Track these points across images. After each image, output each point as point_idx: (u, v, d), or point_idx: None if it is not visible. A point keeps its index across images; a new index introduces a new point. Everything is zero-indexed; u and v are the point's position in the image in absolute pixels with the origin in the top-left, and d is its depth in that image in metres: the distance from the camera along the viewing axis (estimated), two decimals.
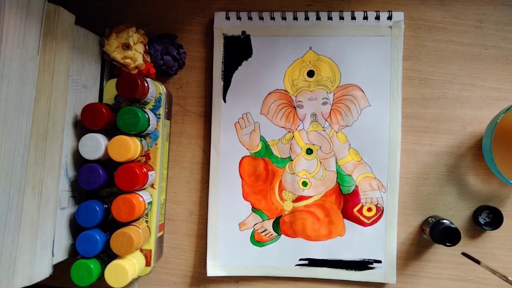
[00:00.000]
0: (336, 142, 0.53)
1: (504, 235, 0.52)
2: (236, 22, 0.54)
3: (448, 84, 0.53)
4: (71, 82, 0.45)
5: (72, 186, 0.46)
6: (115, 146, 0.45)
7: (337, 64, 0.53)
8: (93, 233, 0.44)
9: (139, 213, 0.46)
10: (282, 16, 0.53)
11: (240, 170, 0.53)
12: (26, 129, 0.38)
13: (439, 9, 0.53)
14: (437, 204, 0.53)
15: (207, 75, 0.55)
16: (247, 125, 0.54)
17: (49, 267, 0.42)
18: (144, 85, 0.46)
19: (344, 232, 0.53)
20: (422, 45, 0.53)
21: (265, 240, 0.53)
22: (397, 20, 0.52)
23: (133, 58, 0.50)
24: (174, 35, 0.54)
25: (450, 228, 0.47)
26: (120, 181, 0.45)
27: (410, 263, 0.52)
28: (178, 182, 0.55)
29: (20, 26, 0.36)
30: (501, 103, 0.52)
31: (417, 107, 0.53)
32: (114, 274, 0.44)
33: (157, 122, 0.49)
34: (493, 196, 0.52)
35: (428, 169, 0.53)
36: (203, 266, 0.54)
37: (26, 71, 0.37)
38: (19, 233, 0.37)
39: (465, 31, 0.53)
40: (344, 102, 0.53)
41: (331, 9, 0.54)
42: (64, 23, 0.42)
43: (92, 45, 0.49)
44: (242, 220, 0.53)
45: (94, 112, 0.44)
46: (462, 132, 0.53)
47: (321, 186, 0.53)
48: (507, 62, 0.52)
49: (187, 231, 0.55)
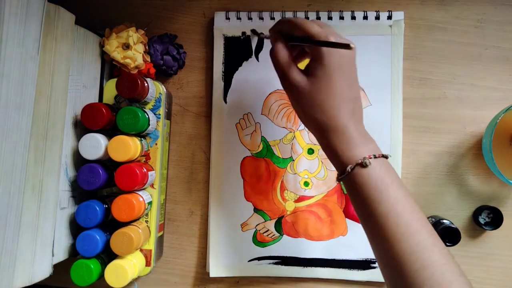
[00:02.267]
0: None
1: (504, 235, 0.52)
2: (236, 23, 0.54)
3: (448, 84, 0.53)
4: (71, 82, 0.45)
5: (72, 186, 0.46)
6: (115, 146, 0.45)
7: None
8: (93, 233, 0.44)
9: (139, 213, 0.46)
10: (282, 16, 0.53)
11: (241, 171, 0.53)
12: (26, 129, 0.38)
13: (439, 9, 0.53)
14: (437, 204, 0.53)
15: (207, 75, 0.55)
16: (248, 126, 0.54)
17: (49, 267, 0.42)
18: (144, 85, 0.46)
19: (346, 231, 0.53)
20: (422, 45, 0.53)
21: (267, 240, 0.53)
22: (397, 19, 0.52)
23: (133, 58, 0.50)
24: (174, 35, 0.54)
25: (450, 228, 0.47)
26: (120, 181, 0.45)
27: None
28: (178, 182, 0.55)
29: (20, 26, 0.36)
30: (501, 103, 0.52)
31: (417, 107, 0.53)
32: (114, 274, 0.44)
33: (157, 122, 0.49)
34: (493, 196, 0.52)
35: (428, 169, 0.53)
36: (203, 266, 0.54)
37: (26, 71, 0.37)
38: (19, 233, 0.37)
39: (465, 31, 0.53)
40: None
41: (331, 9, 0.54)
42: (64, 23, 0.42)
43: (92, 45, 0.49)
44: (244, 221, 0.53)
45: (94, 112, 0.44)
46: (462, 132, 0.53)
47: (323, 186, 0.53)
48: (507, 62, 0.52)
49: (187, 231, 0.55)
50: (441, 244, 0.34)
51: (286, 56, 0.39)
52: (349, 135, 0.37)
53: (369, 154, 0.36)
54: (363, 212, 0.36)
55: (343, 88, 0.37)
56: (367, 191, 0.35)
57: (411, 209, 0.35)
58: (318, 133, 0.38)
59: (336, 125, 0.37)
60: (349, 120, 0.37)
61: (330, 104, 0.36)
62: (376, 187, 0.35)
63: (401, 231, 0.33)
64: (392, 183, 0.35)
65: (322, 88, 0.36)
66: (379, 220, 0.34)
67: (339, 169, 0.38)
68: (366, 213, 0.35)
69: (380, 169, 0.35)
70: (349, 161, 0.36)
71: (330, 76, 0.36)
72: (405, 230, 0.33)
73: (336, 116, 0.37)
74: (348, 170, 0.36)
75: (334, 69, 0.36)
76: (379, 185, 0.35)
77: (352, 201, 0.38)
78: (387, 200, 0.34)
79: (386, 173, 0.36)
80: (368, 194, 0.35)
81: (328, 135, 0.37)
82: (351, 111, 0.37)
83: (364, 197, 0.35)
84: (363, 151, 0.36)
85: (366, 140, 0.38)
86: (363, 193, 0.35)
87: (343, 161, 0.36)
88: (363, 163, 0.35)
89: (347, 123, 0.37)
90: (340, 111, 0.37)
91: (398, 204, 0.34)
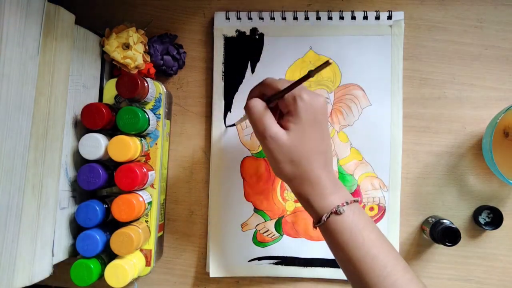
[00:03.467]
0: (338, 141, 0.53)
1: (504, 235, 0.52)
2: (236, 23, 0.54)
3: (448, 84, 0.53)
4: (71, 82, 0.45)
5: (72, 186, 0.46)
6: (115, 146, 0.45)
7: (338, 64, 0.53)
8: (93, 233, 0.44)
9: (139, 213, 0.46)
10: (282, 16, 0.53)
11: (241, 171, 0.53)
12: (26, 129, 0.38)
13: (439, 9, 0.53)
14: (437, 204, 0.53)
15: (207, 75, 0.55)
16: (248, 126, 0.54)
17: (49, 267, 0.42)
18: (144, 85, 0.46)
19: None
20: (422, 45, 0.53)
21: (267, 240, 0.53)
22: (397, 19, 0.52)
23: (133, 58, 0.50)
24: (174, 35, 0.54)
25: (450, 228, 0.47)
26: (120, 181, 0.45)
27: (411, 262, 0.52)
28: (178, 182, 0.55)
29: (20, 26, 0.36)
30: (501, 103, 0.52)
31: (417, 107, 0.53)
32: (114, 274, 0.44)
33: (157, 122, 0.49)
34: (493, 196, 0.52)
35: (428, 169, 0.53)
36: (203, 266, 0.54)
37: (26, 71, 0.37)
38: (19, 233, 0.37)
39: (465, 31, 0.53)
40: (345, 101, 0.53)
41: (331, 9, 0.54)
42: (64, 23, 0.42)
43: (92, 45, 0.49)
44: (244, 221, 0.53)
45: (94, 112, 0.44)
46: (462, 132, 0.53)
47: None
48: (507, 62, 0.52)
49: (187, 231, 0.55)
50: (416, 279, 0.36)
51: (262, 106, 0.38)
52: (323, 185, 0.38)
53: (341, 201, 0.38)
54: (341, 257, 0.38)
55: (316, 141, 0.38)
56: (343, 237, 0.37)
57: (386, 250, 0.37)
58: (291, 183, 0.39)
59: (309, 176, 0.38)
60: (322, 171, 0.38)
61: (305, 156, 0.38)
62: (351, 233, 0.37)
63: (377, 273, 0.35)
64: (365, 227, 0.37)
65: (297, 142, 0.37)
66: (356, 264, 0.36)
67: (314, 217, 0.39)
68: (344, 258, 0.37)
69: (353, 215, 0.37)
70: (324, 209, 0.38)
71: (305, 130, 0.37)
72: (381, 272, 0.35)
73: (309, 168, 0.38)
74: (324, 219, 0.37)
75: (309, 124, 0.38)
76: (354, 231, 0.37)
77: (329, 246, 0.39)
78: (362, 244, 0.36)
79: (360, 218, 0.38)
80: (344, 239, 0.37)
81: (302, 186, 0.38)
82: (323, 162, 0.39)
83: (340, 243, 0.37)
84: (336, 199, 0.38)
85: (338, 188, 0.39)
86: (339, 239, 0.37)
87: (318, 211, 0.38)
88: (337, 211, 0.37)
89: (320, 174, 0.38)
90: (314, 163, 0.38)
91: (372, 247, 0.36)
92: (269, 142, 0.38)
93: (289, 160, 0.38)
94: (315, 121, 0.38)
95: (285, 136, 0.37)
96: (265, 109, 0.38)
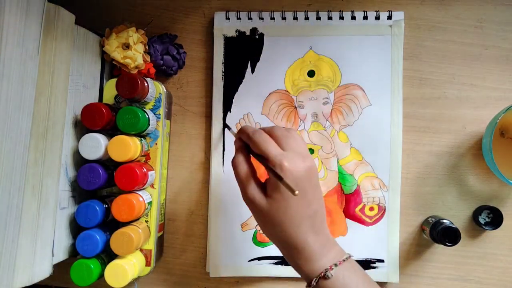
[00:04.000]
0: (337, 141, 0.53)
1: (504, 235, 0.52)
2: (236, 23, 0.54)
3: (448, 84, 0.53)
4: (71, 82, 0.45)
5: (72, 186, 0.46)
6: (115, 146, 0.45)
7: (338, 64, 0.53)
8: (93, 233, 0.44)
9: (139, 213, 0.46)
10: (282, 16, 0.53)
11: None
12: (26, 129, 0.38)
13: (439, 9, 0.53)
14: (437, 204, 0.53)
15: (207, 75, 0.55)
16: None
17: (49, 267, 0.42)
18: (144, 85, 0.46)
19: (346, 231, 0.53)
20: (422, 45, 0.53)
21: (267, 240, 0.53)
22: (397, 19, 0.52)
23: (133, 58, 0.50)
24: (174, 35, 0.54)
25: (450, 228, 0.47)
26: (120, 181, 0.45)
27: (411, 262, 0.52)
28: (178, 182, 0.55)
29: (20, 26, 0.36)
30: (501, 103, 0.52)
31: (417, 107, 0.53)
32: (114, 274, 0.44)
33: (157, 122, 0.49)
34: (493, 196, 0.52)
35: (428, 169, 0.53)
36: (203, 266, 0.54)
37: (26, 71, 0.37)
38: (19, 233, 0.37)
39: (465, 31, 0.53)
40: (345, 101, 0.53)
41: (331, 9, 0.54)
42: (64, 23, 0.42)
43: (92, 45, 0.49)
44: (244, 221, 0.53)
45: (94, 112, 0.44)
46: (462, 132, 0.53)
47: (323, 186, 0.53)
48: (507, 62, 0.52)
49: (187, 231, 0.55)
50: None
51: (246, 171, 0.38)
52: (309, 250, 0.37)
53: (330, 264, 0.37)
54: None
55: (301, 207, 0.37)
56: None
57: None
58: (279, 247, 0.39)
59: (295, 242, 0.37)
60: (308, 236, 0.37)
61: (289, 224, 0.37)
62: None
63: None
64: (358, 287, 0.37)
65: (280, 210, 0.36)
66: None
67: (305, 280, 0.38)
68: None
69: (343, 277, 0.37)
70: (313, 273, 0.37)
71: (286, 199, 0.36)
72: None
73: (295, 234, 0.37)
74: (313, 284, 0.37)
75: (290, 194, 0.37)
76: None
77: None
78: None
79: (351, 279, 0.37)
80: None
81: (289, 251, 0.38)
82: (310, 226, 0.37)
83: None
84: (324, 263, 0.37)
85: (328, 249, 0.38)
86: None
87: (307, 274, 0.38)
88: (325, 276, 0.36)
89: (306, 239, 0.37)
90: (299, 229, 0.37)
91: None
92: (248, 204, 0.38)
93: (271, 225, 0.37)
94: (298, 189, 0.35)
95: (263, 202, 0.37)
96: (247, 171, 0.38)
